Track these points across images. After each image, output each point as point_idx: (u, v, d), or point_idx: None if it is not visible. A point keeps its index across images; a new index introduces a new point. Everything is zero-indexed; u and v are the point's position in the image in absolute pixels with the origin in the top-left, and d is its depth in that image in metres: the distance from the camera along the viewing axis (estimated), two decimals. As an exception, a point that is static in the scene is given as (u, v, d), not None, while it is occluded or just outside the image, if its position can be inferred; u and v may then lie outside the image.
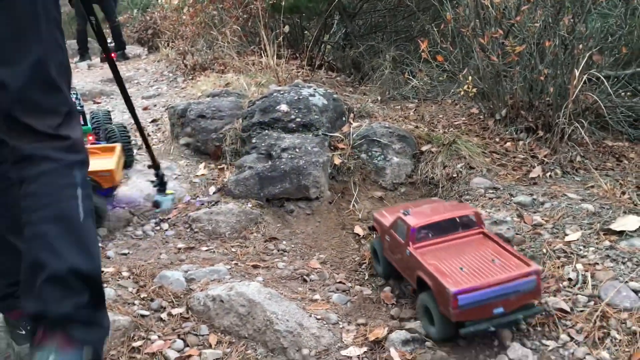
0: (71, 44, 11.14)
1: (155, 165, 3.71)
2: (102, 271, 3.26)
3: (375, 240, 3.43)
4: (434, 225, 3.00)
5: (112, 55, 9.71)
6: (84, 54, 10.99)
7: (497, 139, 4.62)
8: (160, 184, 3.71)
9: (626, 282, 2.86)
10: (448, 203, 3.38)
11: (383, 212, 3.41)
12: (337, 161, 4.43)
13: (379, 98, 6.08)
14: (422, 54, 4.74)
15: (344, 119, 4.98)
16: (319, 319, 2.90)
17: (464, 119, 5.13)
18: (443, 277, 2.66)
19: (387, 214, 3.33)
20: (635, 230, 3.24)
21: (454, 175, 4.24)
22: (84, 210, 1.85)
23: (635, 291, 2.80)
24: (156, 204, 3.61)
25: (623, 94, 5.09)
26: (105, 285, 3.10)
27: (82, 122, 4.83)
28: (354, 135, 4.61)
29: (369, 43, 7.36)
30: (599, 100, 4.18)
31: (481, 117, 5.06)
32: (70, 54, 11.00)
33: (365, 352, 2.67)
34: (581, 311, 2.80)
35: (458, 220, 3.05)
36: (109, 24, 10.67)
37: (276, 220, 4.15)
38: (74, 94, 5.04)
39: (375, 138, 4.51)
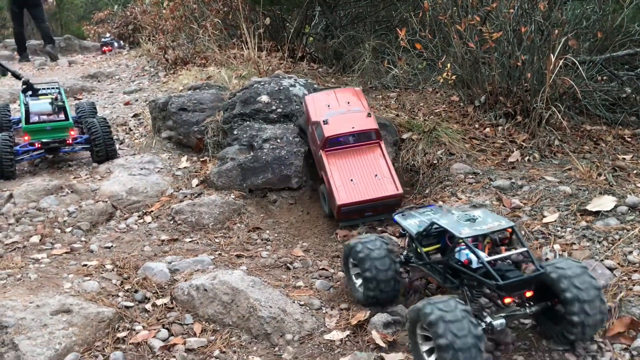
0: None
1: (16, 76, 4.83)
2: (86, 264, 3.30)
3: (302, 119, 4.42)
4: (343, 136, 3.96)
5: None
6: (21, 52, 11.25)
7: (477, 125, 4.68)
8: (30, 89, 4.79)
9: (601, 260, 2.93)
10: (360, 113, 4.07)
11: (312, 98, 4.27)
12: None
13: (361, 87, 6.10)
14: (401, 42, 4.77)
15: (325, 109, 5.00)
16: (302, 305, 2.93)
17: (444, 106, 5.18)
18: (336, 190, 3.77)
19: (314, 104, 4.18)
20: (610, 210, 3.31)
21: (435, 162, 4.29)
22: None
23: (611, 269, 2.86)
24: None
25: (600, 78, 5.16)
26: (88, 278, 3.12)
27: (63, 117, 4.81)
28: (335, 125, 4.62)
29: (349, 33, 7.37)
30: (575, 84, 4.24)
31: (461, 104, 5.11)
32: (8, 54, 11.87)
33: (348, 335, 2.71)
34: (558, 290, 2.86)
35: (363, 133, 3.99)
36: (38, 26, 11.28)
37: (259, 210, 4.17)
38: (56, 89, 5.02)
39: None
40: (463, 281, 2.59)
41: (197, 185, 4.37)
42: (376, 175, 3.85)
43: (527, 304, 2.49)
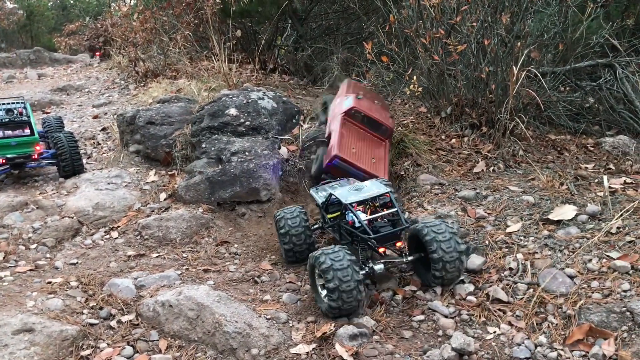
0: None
1: None
2: (50, 282, 3.26)
3: (329, 96, 4.88)
4: (365, 116, 4.35)
5: None
6: None
7: (443, 136, 4.74)
8: None
9: (562, 268, 2.98)
10: (386, 111, 4.64)
11: (350, 82, 4.85)
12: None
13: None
14: (368, 55, 4.82)
15: (294, 121, 5.03)
16: (268, 319, 2.93)
17: (412, 117, 5.23)
18: (339, 143, 4.07)
19: (351, 87, 4.70)
20: (571, 219, 3.37)
21: (402, 173, 4.34)
22: None
23: (571, 277, 2.92)
24: None
25: (563, 88, 5.28)
26: (52, 296, 3.08)
27: (29, 132, 4.74)
28: (303, 137, 4.65)
29: (319, 46, 7.42)
30: (538, 95, 4.32)
31: (428, 115, 5.17)
32: None
33: (314, 348, 2.71)
34: (521, 298, 2.91)
35: (382, 126, 4.39)
36: None
37: (228, 224, 4.16)
38: (21, 103, 4.95)
39: (325, 139, 4.57)
40: (353, 238, 3.23)
41: (165, 200, 4.35)
42: (373, 159, 4.19)
43: (405, 254, 3.17)
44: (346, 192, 3.29)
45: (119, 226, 4.02)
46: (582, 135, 4.95)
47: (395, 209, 3.16)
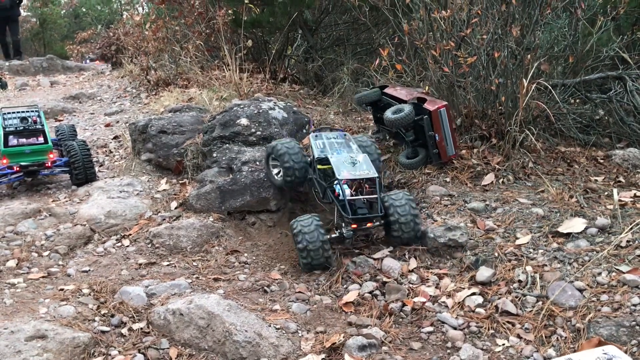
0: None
1: None
2: (62, 289, 3.29)
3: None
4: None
5: None
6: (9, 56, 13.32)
7: (453, 148, 4.75)
8: None
9: (571, 281, 2.99)
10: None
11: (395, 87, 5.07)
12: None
13: (341, 110, 6.18)
14: (383, 62, 4.86)
15: (304, 131, 5.06)
16: (278, 329, 2.95)
17: (421, 128, 5.25)
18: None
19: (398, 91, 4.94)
20: (580, 232, 3.38)
21: (411, 184, 4.35)
22: None
23: (580, 290, 2.93)
24: None
25: (573, 101, 5.29)
26: (65, 303, 3.11)
27: (42, 141, 4.80)
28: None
29: (329, 56, 7.47)
30: (547, 108, 4.34)
31: (438, 126, 5.18)
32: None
33: (323, 358, 2.73)
34: (529, 311, 2.92)
35: None
36: (13, 39, 13.31)
37: (238, 233, 4.19)
38: (35, 111, 5.02)
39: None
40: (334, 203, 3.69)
41: (176, 208, 4.38)
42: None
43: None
44: (341, 163, 3.75)
45: (130, 234, 4.06)
46: (592, 147, 4.95)
47: (376, 196, 3.66)
